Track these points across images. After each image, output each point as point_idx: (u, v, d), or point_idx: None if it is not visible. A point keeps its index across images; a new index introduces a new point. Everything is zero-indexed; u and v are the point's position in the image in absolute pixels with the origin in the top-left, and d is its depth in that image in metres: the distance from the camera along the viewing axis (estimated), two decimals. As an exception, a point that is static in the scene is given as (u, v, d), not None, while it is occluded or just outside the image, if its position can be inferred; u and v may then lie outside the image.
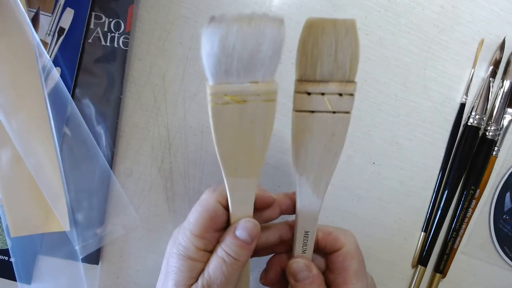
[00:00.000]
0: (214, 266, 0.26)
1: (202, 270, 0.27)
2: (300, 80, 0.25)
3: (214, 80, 0.22)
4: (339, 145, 0.26)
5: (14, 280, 0.36)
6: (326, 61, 0.24)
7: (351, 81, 0.24)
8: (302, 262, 0.29)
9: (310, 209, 0.28)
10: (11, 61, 0.34)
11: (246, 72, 0.22)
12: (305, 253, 0.30)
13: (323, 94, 0.24)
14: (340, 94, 0.24)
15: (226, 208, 0.28)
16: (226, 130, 0.24)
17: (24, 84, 0.35)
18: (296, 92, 0.25)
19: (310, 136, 0.26)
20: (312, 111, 0.25)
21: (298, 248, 0.30)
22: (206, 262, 0.27)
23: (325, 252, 0.31)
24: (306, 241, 0.30)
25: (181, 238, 0.27)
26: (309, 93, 0.25)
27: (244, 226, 0.27)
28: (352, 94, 0.25)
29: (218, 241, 0.27)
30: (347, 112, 0.25)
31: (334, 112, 0.25)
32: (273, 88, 0.23)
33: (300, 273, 0.29)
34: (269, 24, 0.21)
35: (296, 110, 0.25)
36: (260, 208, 0.30)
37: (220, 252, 0.27)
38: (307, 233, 0.29)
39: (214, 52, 0.21)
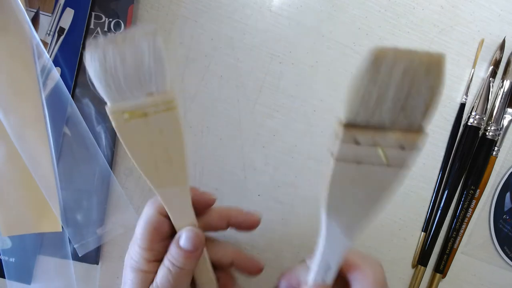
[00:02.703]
0: (161, 276, 0.27)
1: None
2: (349, 125, 0.19)
3: (110, 100, 0.23)
4: (383, 197, 0.21)
5: (3, 277, 0.37)
6: (390, 106, 0.18)
7: (419, 131, 0.18)
8: None
9: (337, 248, 0.24)
10: (9, 59, 0.34)
11: (137, 87, 0.22)
12: (324, 282, 0.26)
13: (377, 146, 0.19)
14: (403, 148, 0.19)
15: (168, 217, 0.28)
16: (138, 144, 0.24)
17: (21, 82, 0.35)
18: (341, 140, 0.19)
19: (350, 185, 0.21)
20: (359, 162, 0.20)
21: (317, 277, 0.26)
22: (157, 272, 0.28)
23: (345, 280, 0.28)
24: (327, 272, 0.26)
25: (132, 252, 0.28)
26: (357, 142, 0.19)
27: (186, 236, 0.27)
28: (416, 148, 0.19)
29: (166, 249, 0.28)
30: (405, 166, 0.20)
31: (388, 165, 0.20)
32: (170, 97, 0.23)
33: None
34: (143, 37, 0.21)
35: (338, 159, 0.20)
36: (202, 209, 0.30)
37: (166, 262, 0.27)
38: (329, 266, 0.25)
39: (99, 75, 0.21)
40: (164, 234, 0.28)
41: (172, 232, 0.29)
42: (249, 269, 0.31)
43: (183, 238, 0.27)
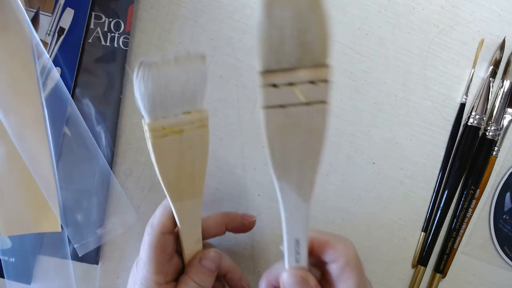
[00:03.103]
0: None
1: None
2: (265, 72, 0.21)
3: (150, 117, 0.24)
4: (320, 141, 0.23)
5: (3, 277, 0.37)
6: (290, 44, 0.20)
7: (324, 65, 0.21)
8: (297, 274, 0.27)
9: (297, 215, 0.25)
10: (9, 59, 0.34)
11: (179, 105, 0.24)
12: (298, 263, 0.27)
13: (292, 84, 0.21)
14: (313, 82, 0.21)
15: (171, 232, 0.29)
16: (167, 159, 0.25)
17: (21, 82, 0.35)
18: (262, 86, 0.21)
19: (284, 134, 0.22)
20: (282, 106, 0.22)
21: (290, 259, 0.27)
22: None
23: (320, 261, 0.29)
24: (298, 250, 0.27)
25: (141, 278, 0.29)
26: (275, 85, 0.21)
27: (211, 257, 0.29)
28: (326, 80, 0.21)
29: (174, 267, 0.30)
30: (324, 102, 0.22)
31: (308, 104, 0.22)
32: (205, 115, 0.24)
33: (295, 286, 0.27)
34: (192, 61, 0.23)
35: (264, 107, 0.22)
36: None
37: (189, 283, 0.29)
38: (298, 241, 0.27)
39: (150, 92, 0.23)
40: (170, 253, 0.29)
41: (176, 248, 0.30)
42: (237, 285, 0.33)
43: (208, 258, 0.29)
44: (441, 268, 0.42)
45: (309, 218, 0.26)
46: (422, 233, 0.42)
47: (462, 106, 0.41)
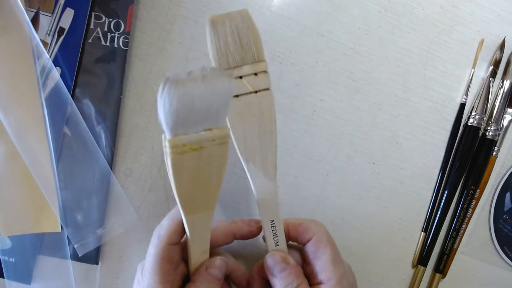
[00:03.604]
0: None
1: None
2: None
3: (171, 133, 0.23)
4: (271, 122, 0.29)
5: (3, 277, 0.37)
6: (233, 48, 0.27)
7: (261, 60, 0.28)
8: (277, 254, 0.30)
9: (267, 194, 0.30)
10: (9, 59, 0.34)
11: (201, 122, 0.24)
12: (278, 245, 0.30)
13: (241, 77, 0.28)
14: (255, 74, 0.28)
15: (178, 243, 0.29)
16: (185, 175, 0.25)
17: (21, 82, 0.35)
18: None
19: (242, 119, 0.28)
20: (237, 96, 0.28)
21: (270, 241, 0.30)
22: None
23: (298, 243, 0.32)
24: (275, 231, 0.30)
25: (146, 287, 0.29)
26: None
27: (217, 265, 0.30)
28: (265, 71, 0.28)
29: (180, 275, 0.30)
30: (267, 89, 0.28)
31: (256, 92, 0.28)
32: (226, 133, 0.25)
33: (276, 266, 0.29)
34: (219, 79, 0.23)
35: None
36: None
37: None
38: (273, 222, 0.30)
39: (174, 110, 0.22)
40: (176, 262, 0.29)
41: (182, 255, 0.30)
42: (242, 282, 0.33)
43: (214, 267, 0.30)
44: (441, 268, 0.42)
45: (278, 198, 0.30)
46: (422, 233, 0.42)
47: (462, 106, 0.41)
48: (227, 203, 0.39)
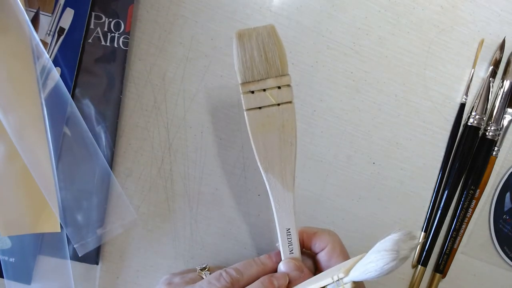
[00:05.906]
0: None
1: None
2: (243, 83, 0.29)
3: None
4: (292, 134, 0.30)
5: (2, 277, 0.37)
6: (259, 61, 0.29)
7: (285, 74, 0.30)
8: (292, 262, 0.31)
9: (284, 204, 0.31)
10: (9, 58, 0.34)
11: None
12: (292, 253, 0.31)
13: (264, 90, 0.29)
14: (279, 87, 0.29)
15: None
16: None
17: (21, 82, 0.35)
18: (242, 93, 0.29)
19: (264, 131, 0.30)
20: (260, 107, 0.29)
21: (285, 249, 0.31)
22: None
23: (312, 252, 0.33)
24: (290, 239, 0.31)
25: None
26: (252, 92, 0.29)
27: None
28: (289, 85, 0.30)
29: None
30: (290, 102, 0.30)
31: (278, 104, 0.30)
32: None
33: (290, 273, 0.30)
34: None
35: (246, 109, 0.29)
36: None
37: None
38: (289, 231, 0.31)
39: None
40: None
41: None
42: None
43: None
44: (441, 268, 0.42)
45: (295, 208, 0.31)
46: (422, 233, 0.42)
47: (462, 106, 0.41)
48: (227, 203, 0.39)
